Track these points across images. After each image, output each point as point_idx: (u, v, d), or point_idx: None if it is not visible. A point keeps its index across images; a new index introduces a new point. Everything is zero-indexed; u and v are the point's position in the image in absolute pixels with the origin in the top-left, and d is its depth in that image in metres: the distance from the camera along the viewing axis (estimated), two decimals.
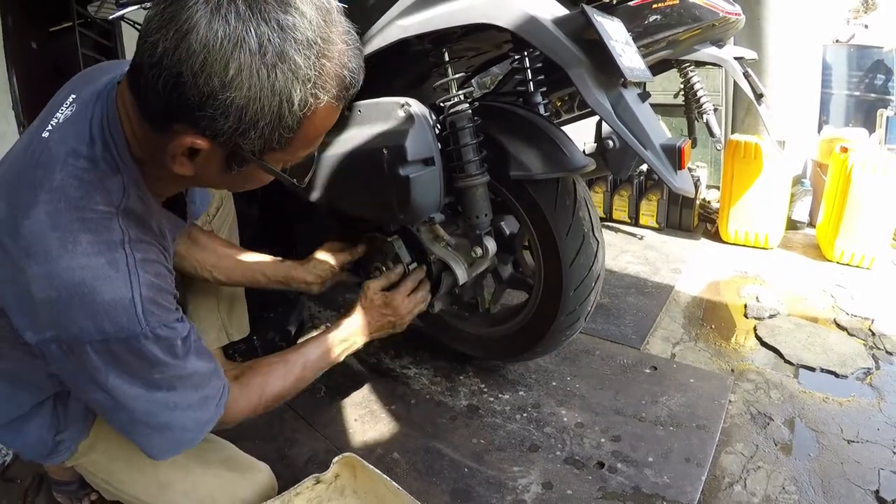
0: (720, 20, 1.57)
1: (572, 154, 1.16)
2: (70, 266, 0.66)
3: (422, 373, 1.66)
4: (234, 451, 1.08)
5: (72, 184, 0.68)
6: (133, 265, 0.70)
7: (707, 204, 3.08)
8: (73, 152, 0.69)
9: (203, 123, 0.60)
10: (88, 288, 0.66)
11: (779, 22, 2.76)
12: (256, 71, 0.57)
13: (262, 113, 0.59)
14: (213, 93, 0.57)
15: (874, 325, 1.90)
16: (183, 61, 0.56)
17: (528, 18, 0.97)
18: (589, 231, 1.26)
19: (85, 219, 0.68)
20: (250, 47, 0.56)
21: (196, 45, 0.55)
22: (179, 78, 0.57)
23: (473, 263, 1.33)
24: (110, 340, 0.68)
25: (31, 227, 0.67)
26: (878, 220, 2.29)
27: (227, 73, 0.56)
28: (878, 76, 3.96)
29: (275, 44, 0.57)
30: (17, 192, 0.69)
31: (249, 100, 0.58)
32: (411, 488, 1.16)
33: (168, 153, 0.65)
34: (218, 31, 0.55)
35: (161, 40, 0.56)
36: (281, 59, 0.57)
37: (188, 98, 0.58)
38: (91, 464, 0.98)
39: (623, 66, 0.93)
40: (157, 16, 0.57)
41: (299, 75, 0.59)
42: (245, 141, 0.62)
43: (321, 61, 0.60)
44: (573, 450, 1.34)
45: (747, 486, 1.25)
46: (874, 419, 1.44)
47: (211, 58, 0.56)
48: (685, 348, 1.81)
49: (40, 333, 0.68)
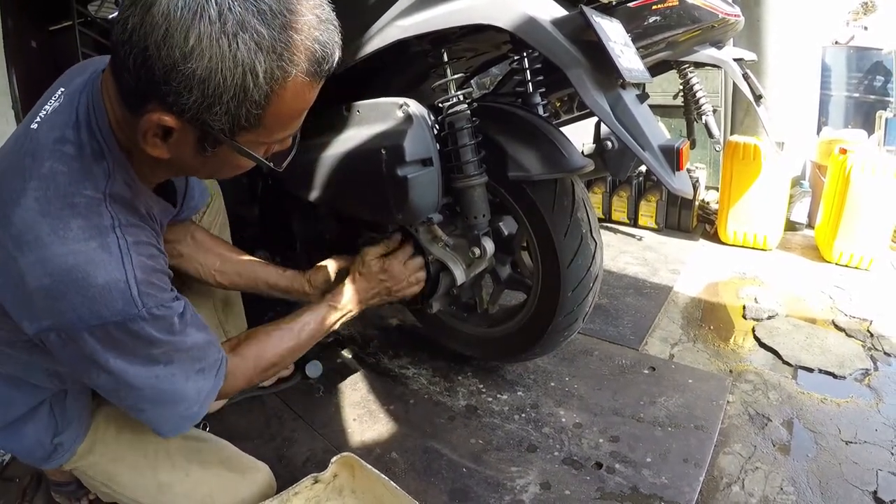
0: (719, 21, 1.57)
1: (571, 155, 1.17)
2: (62, 252, 0.65)
3: (420, 373, 1.66)
4: (233, 451, 1.09)
5: (60, 170, 0.68)
6: (126, 248, 0.69)
7: (706, 205, 3.08)
8: (61, 139, 0.69)
9: (170, 99, 0.59)
10: (82, 273, 0.66)
11: (778, 23, 2.76)
12: (216, 40, 0.56)
13: (225, 85, 0.58)
14: (175, 64, 0.56)
15: (872, 327, 1.90)
16: (148, 34, 0.56)
17: (527, 19, 0.97)
18: (587, 232, 1.26)
19: (74, 204, 0.67)
20: (210, 16, 0.55)
21: (158, 17, 0.55)
22: (146, 52, 0.57)
23: (471, 264, 1.33)
24: (108, 325, 0.68)
25: (21, 216, 0.66)
26: (876, 222, 2.29)
27: (186, 43, 0.55)
28: (877, 78, 3.97)
29: (235, 13, 0.55)
30: (7, 181, 0.69)
31: (210, 70, 0.57)
32: (409, 488, 1.16)
33: (139, 133, 0.65)
34: (178, 1, 0.55)
35: (130, 17, 0.56)
36: (242, 29, 0.56)
37: (154, 73, 0.57)
38: (89, 467, 0.97)
39: (622, 68, 0.94)
40: None
41: (263, 46, 0.57)
42: (212, 117, 0.61)
43: (288, 33, 0.58)
44: (571, 450, 1.34)
45: (745, 486, 1.25)
46: (872, 420, 1.44)
47: (171, 28, 0.55)
48: (683, 349, 1.81)
49: (37, 323, 0.68)
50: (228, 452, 1.08)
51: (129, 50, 0.58)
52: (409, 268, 1.26)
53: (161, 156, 0.67)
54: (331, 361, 1.72)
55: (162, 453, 1.00)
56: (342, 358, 1.75)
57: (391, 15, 1.08)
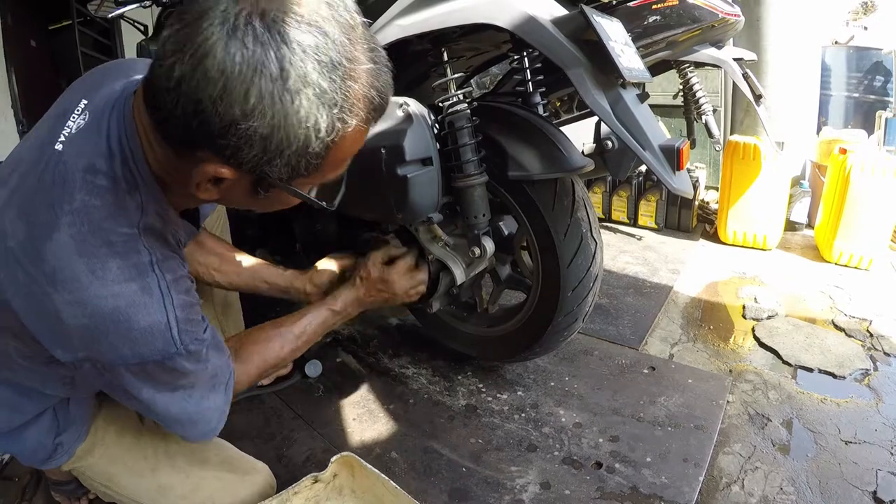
0: (719, 21, 1.57)
1: (571, 154, 1.17)
2: (102, 294, 0.64)
3: (420, 372, 1.66)
4: (233, 452, 1.08)
5: (93, 204, 0.65)
6: (166, 287, 0.68)
7: (706, 205, 3.08)
8: (91, 168, 0.66)
9: (227, 152, 0.56)
10: (123, 316, 0.65)
11: (778, 23, 2.76)
12: (279, 98, 0.53)
13: (288, 141, 0.56)
14: (235, 121, 0.53)
15: (872, 327, 1.90)
16: (201, 88, 0.52)
17: (527, 19, 0.97)
18: (587, 231, 1.26)
19: (111, 242, 0.65)
20: (271, 73, 0.52)
21: (213, 72, 0.51)
22: (199, 105, 0.53)
23: (471, 263, 1.33)
24: (146, 362, 0.68)
25: (55, 252, 0.64)
26: (876, 222, 2.29)
27: (247, 101, 0.52)
28: (876, 78, 3.97)
29: (297, 67, 0.52)
30: (35, 210, 0.65)
31: (273, 128, 0.54)
32: (409, 488, 1.16)
33: (192, 180, 0.62)
34: (235, 55, 0.51)
35: (177, 64, 0.53)
36: (304, 84, 0.53)
37: (209, 126, 0.54)
38: (89, 468, 0.97)
39: (622, 67, 0.94)
40: (172, 37, 0.53)
41: (325, 100, 0.55)
42: (271, 169, 0.58)
43: (348, 84, 0.55)
44: (571, 450, 1.34)
45: (745, 486, 1.25)
46: (872, 420, 1.44)
47: (230, 85, 0.52)
48: (683, 349, 1.81)
49: (72, 353, 0.67)
50: (229, 453, 1.08)
51: (176, 98, 0.54)
52: (411, 278, 1.27)
53: (211, 199, 0.67)
54: (331, 361, 1.72)
55: (162, 455, 1.00)
56: (342, 357, 1.75)
57: (391, 14, 1.08)
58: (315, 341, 1.10)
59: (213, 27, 0.51)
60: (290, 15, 0.52)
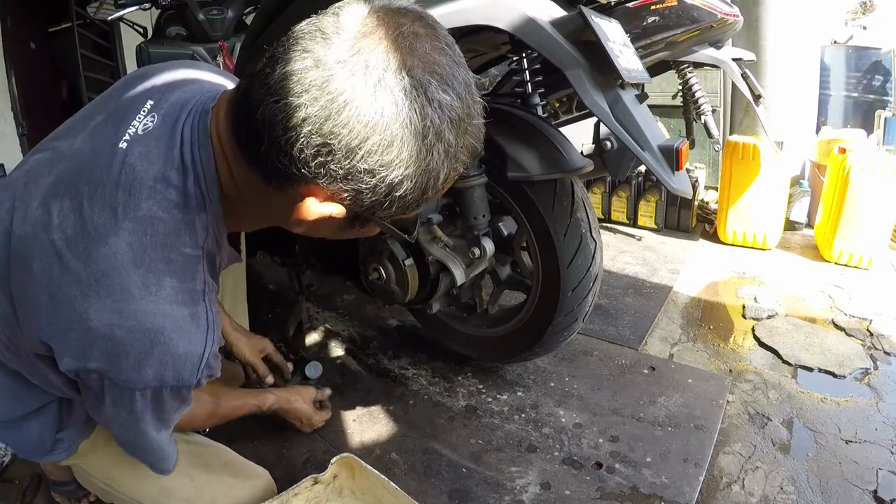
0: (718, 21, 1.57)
1: (570, 155, 1.17)
2: (150, 311, 0.62)
3: (420, 373, 1.66)
4: (234, 457, 1.09)
5: (161, 217, 0.63)
6: (212, 321, 0.67)
7: (705, 205, 3.08)
8: (163, 179, 0.63)
9: (345, 194, 0.56)
10: (165, 338, 0.63)
11: (777, 23, 2.76)
12: (416, 151, 0.54)
13: (411, 189, 0.57)
14: (370, 170, 0.54)
15: (872, 326, 1.90)
16: (335, 134, 0.52)
17: (526, 20, 0.97)
18: (587, 232, 1.26)
19: (171, 260, 0.63)
20: (415, 128, 0.53)
21: (356, 122, 0.51)
22: (325, 148, 0.53)
23: (471, 264, 1.33)
24: (164, 387, 0.66)
25: (108, 257, 0.61)
26: (876, 221, 2.29)
27: (388, 153, 0.53)
28: (876, 77, 3.97)
29: (435, 124, 0.54)
30: (93, 209, 0.62)
31: (404, 178, 0.55)
32: (409, 489, 1.16)
33: (287, 211, 0.62)
34: (384, 109, 0.51)
35: (305, 105, 0.51)
36: (438, 139, 0.55)
37: (332, 169, 0.54)
38: (89, 465, 0.97)
39: (620, 68, 0.94)
40: (295, 76, 0.52)
41: (449, 154, 0.56)
42: (382, 210, 0.59)
43: (465, 138, 0.58)
44: (571, 450, 1.34)
45: (745, 486, 1.25)
46: (872, 419, 1.44)
47: (374, 136, 0.52)
48: (683, 349, 1.81)
49: (82, 362, 0.64)
50: (230, 458, 1.08)
51: (293, 137, 0.53)
52: (317, 416, 1.41)
53: (298, 230, 0.66)
54: (331, 362, 1.72)
55: None
56: (342, 359, 1.75)
57: None
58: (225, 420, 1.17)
59: (357, 78, 0.51)
60: (431, 73, 0.53)
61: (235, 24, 2.39)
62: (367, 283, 1.41)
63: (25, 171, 0.70)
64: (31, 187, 0.66)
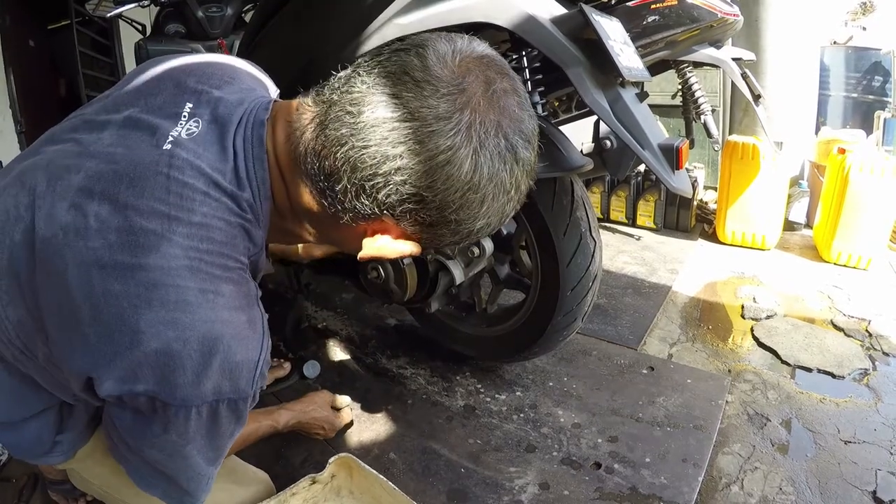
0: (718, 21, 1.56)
1: (570, 154, 1.16)
2: (210, 319, 0.58)
3: (418, 373, 1.65)
4: (236, 462, 1.08)
5: (217, 225, 0.60)
6: (266, 326, 0.65)
7: (704, 205, 3.08)
8: (216, 186, 0.61)
9: (425, 236, 0.61)
10: (225, 346, 0.59)
11: (777, 23, 2.76)
12: (502, 204, 0.59)
13: (484, 232, 0.62)
14: (459, 220, 0.58)
15: (871, 326, 1.90)
16: (431, 188, 0.54)
17: (526, 18, 0.97)
18: (586, 231, 1.26)
19: (228, 267, 0.61)
20: (505, 187, 0.57)
21: (455, 180, 0.54)
22: (415, 198, 0.55)
23: (470, 263, 1.32)
24: (221, 401, 0.61)
25: (161, 265, 0.56)
26: (875, 222, 2.29)
27: (482, 206, 0.57)
28: (875, 78, 3.97)
29: (519, 181, 0.58)
30: (138, 213, 0.58)
31: (484, 225, 0.60)
32: (408, 489, 1.15)
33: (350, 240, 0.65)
34: (483, 169, 0.55)
35: (400, 157, 0.53)
36: (516, 192, 0.59)
37: (420, 217, 0.57)
38: (87, 470, 0.94)
39: (621, 66, 0.93)
40: (387, 124, 0.53)
41: (519, 200, 0.61)
42: (451, 247, 0.64)
43: (532, 181, 0.62)
44: (570, 450, 1.34)
45: (744, 486, 1.25)
46: (871, 420, 1.44)
47: (470, 194, 0.55)
48: (682, 349, 1.81)
49: (130, 385, 0.58)
50: (232, 463, 1.06)
51: (381, 184, 0.55)
52: (339, 424, 1.39)
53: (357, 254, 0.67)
54: (329, 361, 1.72)
55: None
56: (340, 358, 1.75)
57: (390, 13, 1.08)
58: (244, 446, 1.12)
59: (459, 137, 0.53)
60: (518, 133, 0.57)
61: (234, 21, 2.39)
62: (366, 282, 1.41)
63: (45, 164, 0.63)
64: (57, 185, 0.60)
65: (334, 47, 1.15)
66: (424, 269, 1.34)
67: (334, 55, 1.17)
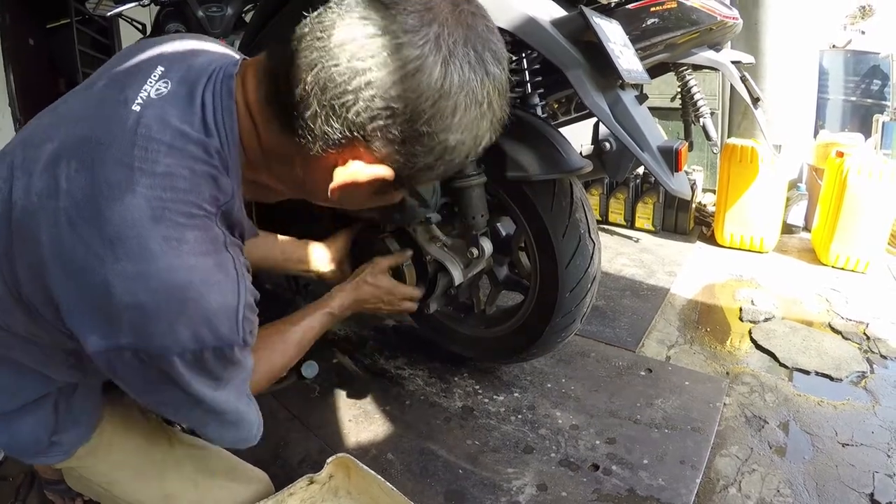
0: (718, 24, 1.57)
1: (569, 155, 1.16)
2: (175, 266, 0.58)
3: (416, 374, 1.65)
4: (234, 460, 1.07)
5: (181, 174, 0.60)
6: (240, 268, 0.64)
7: (703, 207, 3.09)
8: (182, 135, 0.61)
9: (398, 157, 0.59)
10: (195, 293, 0.59)
11: (776, 27, 2.77)
12: (473, 118, 0.58)
13: (460, 153, 0.61)
14: (431, 133, 0.57)
15: (869, 329, 1.91)
16: (402, 98, 0.54)
17: (526, 20, 0.97)
18: (585, 233, 1.26)
19: (192, 214, 0.60)
20: (477, 98, 0.57)
21: (426, 87, 0.54)
22: (385, 112, 0.55)
23: (469, 264, 1.33)
24: (205, 350, 0.61)
25: (123, 216, 0.56)
26: (873, 225, 2.30)
27: (453, 117, 0.57)
28: (874, 81, 3.99)
29: (490, 94, 0.58)
30: (104, 168, 0.58)
31: (458, 143, 0.59)
32: (405, 489, 1.15)
33: (323, 178, 0.63)
34: (454, 76, 0.55)
35: (371, 70, 0.53)
36: (489, 109, 0.59)
37: (391, 133, 0.57)
38: (87, 468, 0.94)
39: (621, 68, 0.94)
40: (358, 41, 0.54)
41: (493, 122, 0.61)
42: (428, 174, 0.62)
43: (505, 108, 0.62)
44: (568, 452, 1.34)
45: (742, 488, 1.25)
46: (869, 422, 1.44)
47: (442, 101, 0.55)
48: (680, 351, 1.81)
49: (113, 340, 0.59)
50: (231, 461, 1.06)
51: (351, 101, 0.55)
52: (408, 297, 1.30)
53: (331, 198, 0.65)
54: (327, 362, 1.72)
55: (170, 461, 0.97)
56: (338, 358, 1.75)
57: None
58: (314, 340, 1.10)
59: (428, 48, 0.54)
60: (487, 49, 0.57)
61: (234, 21, 2.39)
62: None
63: (22, 139, 0.66)
64: (32, 153, 0.62)
65: None
66: (423, 270, 1.34)
67: None
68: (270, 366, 0.95)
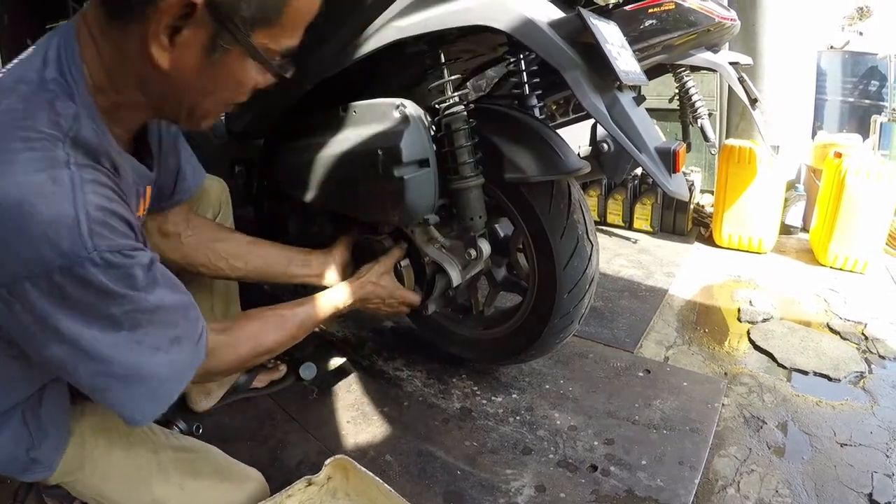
0: (715, 25, 1.58)
1: (567, 157, 1.16)
2: (4, 185, 0.57)
3: (415, 375, 1.65)
4: (225, 459, 1.07)
5: (17, 106, 0.62)
6: (79, 182, 0.61)
7: (701, 208, 3.09)
8: (22, 78, 0.64)
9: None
10: (27, 207, 0.57)
11: (774, 28, 2.78)
12: None
13: None
14: None
15: (867, 330, 1.91)
16: None
17: (524, 21, 0.97)
18: (583, 234, 1.26)
19: (28, 138, 0.60)
20: None
21: None
22: None
23: (467, 265, 1.33)
24: (53, 272, 0.59)
25: None
26: (871, 225, 2.30)
27: None
28: (871, 82, 3.99)
29: None
30: None
31: None
32: (404, 491, 1.15)
33: (147, 33, 0.62)
34: None
35: None
36: None
37: None
38: (78, 483, 0.93)
39: (619, 70, 0.94)
40: None
41: None
42: (237, 14, 0.62)
43: None
44: (566, 453, 1.34)
45: (740, 489, 1.25)
46: (867, 422, 1.45)
47: None
48: (678, 352, 1.81)
49: None
50: (221, 461, 1.05)
51: None
52: (406, 301, 1.32)
53: (162, 65, 0.64)
54: (325, 363, 1.71)
55: (154, 466, 0.97)
56: (336, 360, 1.74)
57: (389, 15, 1.08)
58: (311, 331, 1.09)
59: None
60: None
61: None
62: None
63: None
64: None
65: (332, 49, 1.16)
66: (421, 272, 1.34)
67: (332, 57, 1.17)
68: (259, 340, 0.93)
